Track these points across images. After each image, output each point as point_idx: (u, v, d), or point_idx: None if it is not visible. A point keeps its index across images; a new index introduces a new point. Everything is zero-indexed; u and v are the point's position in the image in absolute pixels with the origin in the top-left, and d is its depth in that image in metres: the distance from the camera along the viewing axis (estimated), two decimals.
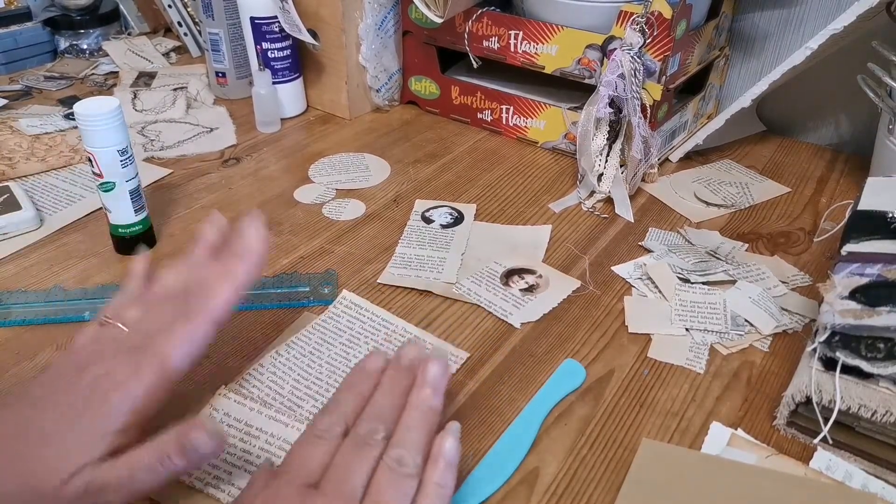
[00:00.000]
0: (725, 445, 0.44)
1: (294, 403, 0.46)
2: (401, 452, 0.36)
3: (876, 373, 0.41)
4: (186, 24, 1.05)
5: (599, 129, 0.68)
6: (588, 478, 0.42)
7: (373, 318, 0.54)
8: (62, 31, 1.06)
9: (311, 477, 0.36)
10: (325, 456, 0.37)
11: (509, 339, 0.53)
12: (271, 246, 0.62)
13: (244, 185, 0.73)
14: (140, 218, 0.61)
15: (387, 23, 0.85)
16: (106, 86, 0.96)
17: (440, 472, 0.36)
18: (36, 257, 0.61)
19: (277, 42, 0.82)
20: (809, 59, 0.66)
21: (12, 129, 0.81)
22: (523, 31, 0.76)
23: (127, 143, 0.57)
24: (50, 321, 0.53)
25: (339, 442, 0.37)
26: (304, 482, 0.36)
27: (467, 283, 0.58)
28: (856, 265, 0.46)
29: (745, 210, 0.69)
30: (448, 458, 0.37)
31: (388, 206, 0.69)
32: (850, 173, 0.77)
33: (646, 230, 0.66)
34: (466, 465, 0.43)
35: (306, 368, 0.49)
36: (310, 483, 0.36)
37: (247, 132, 0.84)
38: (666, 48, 0.67)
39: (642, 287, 0.58)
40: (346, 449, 0.37)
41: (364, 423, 0.38)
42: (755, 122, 0.84)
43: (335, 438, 0.38)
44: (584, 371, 0.49)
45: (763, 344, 0.52)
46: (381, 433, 0.37)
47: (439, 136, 0.84)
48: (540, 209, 0.69)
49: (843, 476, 0.42)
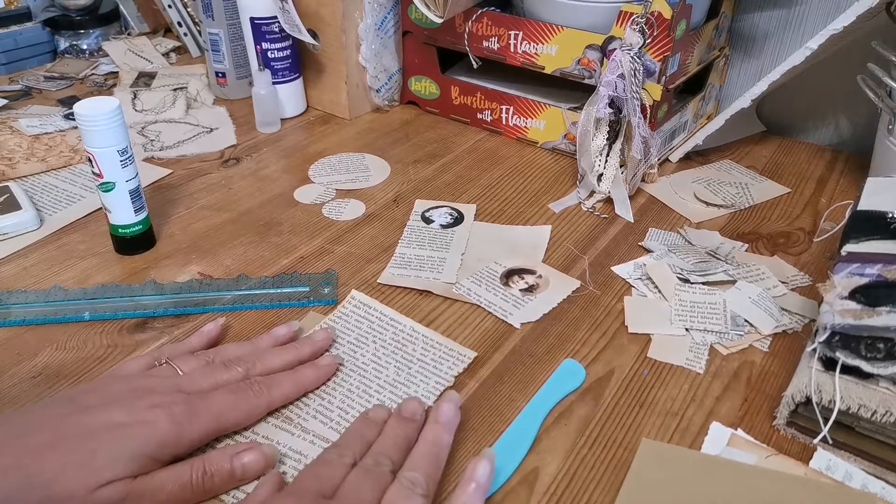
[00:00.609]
0: (725, 445, 0.44)
1: (301, 402, 0.46)
2: (414, 475, 0.38)
3: (876, 373, 0.41)
4: (186, 24, 1.05)
5: (599, 129, 0.68)
6: (588, 478, 0.42)
7: (381, 317, 0.54)
8: (62, 32, 1.06)
9: (324, 491, 0.37)
10: (336, 477, 0.38)
11: (509, 340, 0.53)
12: (271, 246, 0.63)
13: (244, 186, 0.73)
14: (140, 218, 0.61)
15: (387, 23, 0.85)
16: (106, 86, 0.96)
17: (470, 494, 0.37)
18: (36, 257, 0.61)
19: (277, 42, 0.82)
20: (809, 59, 0.66)
21: (12, 129, 0.81)
22: (523, 31, 0.76)
23: (127, 143, 0.57)
24: (50, 321, 0.53)
25: (349, 469, 0.39)
26: (317, 493, 0.37)
27: (467, 284, 0.58)
28: (856, 265, 0.46)
29: (745, 210, 0.69)
30: (480, 482, 0.38)
31: (388, 207, 0.69)
32: (849, 173, 0.77)
33: (646, 230, 0.66)
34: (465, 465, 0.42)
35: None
36: (323, 495, 0.37)
37: (247, 132, 0.84)
38: (666, 48, 0.67)
39: (642, 287, 0.58)
40: (356, 473, 0.38)
41: (371, 457, 0.39)
42: (755, 122, 0.84)
43: (344, 466, 0.39)
44: (584, 371, 0.49)
45: (763, 344, 0.52)
46: (387, 466, 0.39)
47: (439, 136, 0.84)
48: (540, 209, 0.69)
49: (843, 476, 0.42)
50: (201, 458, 0.40)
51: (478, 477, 0.38)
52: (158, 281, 0.58)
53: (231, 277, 0.58)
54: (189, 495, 0.39)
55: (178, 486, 0.38)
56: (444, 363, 0.50)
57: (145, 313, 0.54)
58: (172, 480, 0.38)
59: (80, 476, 0.36)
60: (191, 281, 0.58)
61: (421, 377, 0.49)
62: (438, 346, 0.51)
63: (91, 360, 0.50)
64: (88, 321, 0.54)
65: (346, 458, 0.39)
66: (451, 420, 0.42)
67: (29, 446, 0.36)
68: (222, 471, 0.39)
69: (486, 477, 0.38)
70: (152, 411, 0.39)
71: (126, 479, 0.37)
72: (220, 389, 0.43)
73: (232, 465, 0.40)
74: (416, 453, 0.40)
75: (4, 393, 0.47)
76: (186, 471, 0.39)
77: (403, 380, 0.48)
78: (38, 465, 0.35)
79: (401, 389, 0.48)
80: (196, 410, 0.40)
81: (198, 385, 0.43)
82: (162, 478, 0.38)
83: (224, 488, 0.40)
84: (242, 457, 0.40)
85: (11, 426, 0.38)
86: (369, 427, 0.42)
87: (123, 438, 0.38)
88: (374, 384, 0.48)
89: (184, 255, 0.62)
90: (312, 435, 0.44)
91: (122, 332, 0.53)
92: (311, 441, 0.44)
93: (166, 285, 0.57)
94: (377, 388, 0.48)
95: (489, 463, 0.38)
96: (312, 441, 0.44)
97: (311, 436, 0.44)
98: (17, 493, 0.34)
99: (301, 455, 0.43)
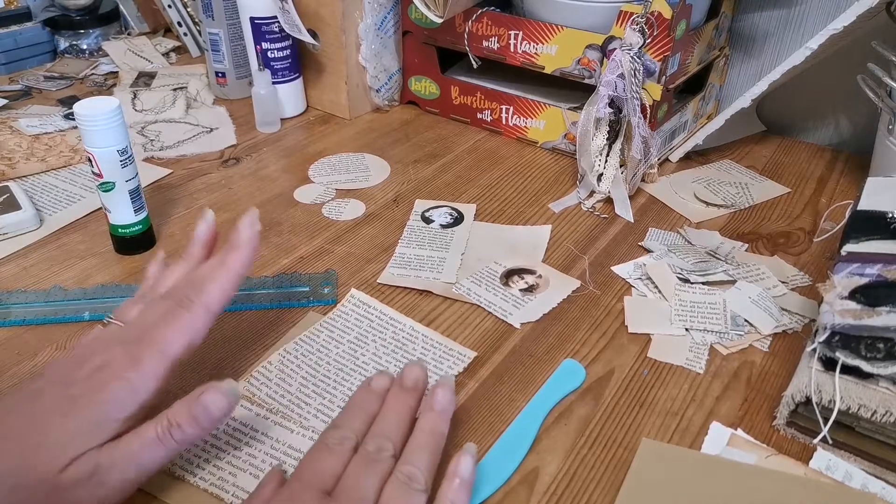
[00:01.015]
0: (725, 445, 0.44)
1: (301, 401, 0.46)
2: (412, 469, 0.38)
3: (876, 373, 0.41)
4: (186, 24, 1.05)
5: (599, 129, 0.68)
6: (588, 478, 0.42)
7: (381, 316, 0.54)
8: (62, 31, 1.06)
9: (325, 485, 0.37)
10: (337, 467, 0.38)
11: (509, 339, 0.53)
12: (271, 246, 0.63)
13: (244, 185, 0.73)
14: (140, 218, 0.61)
15: (387, 23, 0.85)
16: (106, 86, 0.96)
17: (455, 490, 0.37)
18: (36, 257, 0.61)
19: (277, 42, 0.82)
20: (809, 59, 0.66)
21: (12, 129, 0.81)
22: (523, 31, 0.76)
23: (127, 143, 0.57)
24: (50, 321, 0.53)
25: (350, 455, 0.38)
26: (318, 488, 0.36)
27: (467, 283, 0.58)
28: (856, 265, 0.46)
29: (745, 210, 0.69)
30: (464, 476, 0.38)
31: (388, 206, 0.69)
32: (850, 173, 0.77)
33: (646, 230, 0.66)
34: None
35: (314, 366, 0.49)
36: (324, 490, 0.37)
37: (247, 132, 0.84)
38: (666, 48, 0.67)
39: (642, 287, 0.58)
40: (356, 462, 0.38)
41: (372, 441, 0.39)
42: (755, 122, 0.84)
43: (346, 452, 0.39)
44: (584, 371, 0.49)
45: (763, 344, 0.52)
46: (389, 451, 0.39)
47: (439, 136, 0.84)
48: (540, 209, 0.69)
49: (843, 476, 0.42)
50: (164, 413, 0.39)
51: (461, 472, 0.38)
52: None
53: None
54: (161, 452, 0.38)
55: (146, 444, 0.37)
56: (444, 363, 0.50)
57: None
58: (138, 440, 0.37)
59: (43, 458, 0.35)
60: None
61: None
62: (438, 345, 0.51)
63: None
64: (88, 321, 0.54)
65: (347, 443, 0.39)
66: (447, 407, 0.41)
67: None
68: (185, 418, 0.38)
69: (470, 471, 0.38)
70: (96, 375, 0.38)
71: (91, 451, 0.36)
72: (157, 323, 0.41)
73: (192, 409, 0.38)
74: (412, 444, 0.39)
75: (4, 393, 0.47)
76: (150, 427, 0.38)
77: None
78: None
79: None
80: (137, 355, 0.39)
81: (139, 329, 0.41)
82: (128, 439, 0.37)
83: (194, 436, 0.39)
84: (202, 399, 0.39)
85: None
86: (370, 399, 0.42)
87: (77, 410, 0.37)
88: None
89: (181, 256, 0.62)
90: (313, 431, 0.44)
91: None
92: (311, 438, 0.44)
93: None
94: None
95: (471, 457, 0.38)
96: (312, 438, 0.44)
97: (312, 432, 0.44)
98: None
99: (301, 453, 0.43)
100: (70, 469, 0.35)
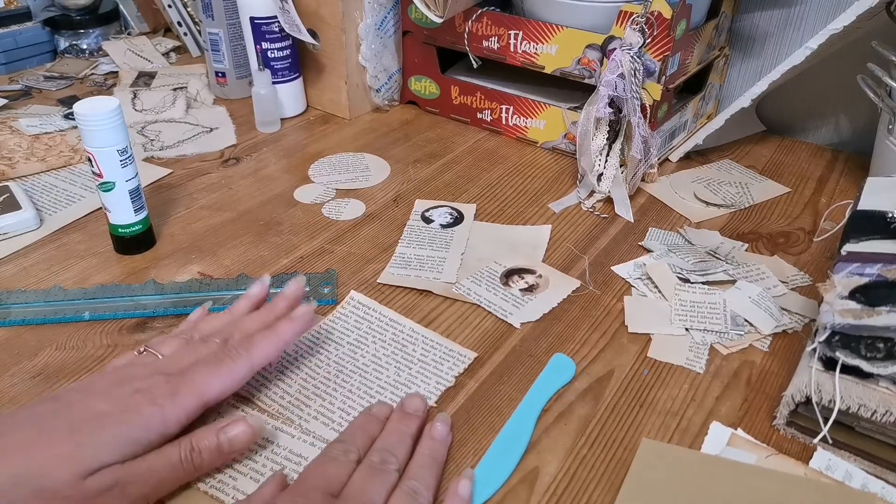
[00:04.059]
0: (725, 445, 0.44)
1: (301, 402, 0.46)
2: (416, 485, 0.39)
3: (876, 373, 0.41)
4: (186, 24, 1.05)
5: (599, 129, 0.68)
6: (588, 478, 0.42)
7: (381, 318, 0.54)
8: (62, 31, 1.06)
9: (331, 488, 0.37)
10: (342, 474, 0.38)
11: (509, 339, 0.53)
12: (271, 246, 0.63)
13: (244, 185, 0.73)
14: (140, 218, 0.61)
15: (387, 23, 0.85)
16: (106, 86, 0.96)
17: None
18: (35, 257, 0.61)
19: (277, 42, 0.82)
20: (809, 59, 0.66)
21: (12, 129, 0.81)
22: (523, 31, 0.76)
23: (127, 143, 0.57)
24: (49, 321, 0.53)
25: (354, 466, 0.39)
26: (325, 490, 0.37)
27: (467, 283, 0.58)
28: (856, 265, 0.46)
29: (745, 210, 0.69)
30: (464, 497, 0.39)
31: (388, 206, 0.69)
32: (849, 173, 0.77)
33: (646, 230, 0.66)
34: (466, 465, 0.43)
35: (314, 368, 0.49)
36: (330, 493, 0.37)
37: (247, 132, 0.84)
38: (666, 48, 0.67)
39: (642, 287, 0.58)
40: (362, 471, 0.39)
41: (377, 454, 0.40)
42: (755, 122, 0.84)
43: (350, 462, 0.39)
44: (574, 364, 0.50)
45: (763, 344, 0.52)
46: (393, 464, 0.40)
47: (439, 136, 0.84)
48: (540, 209, 0.69)
49: (843, 476, 0.42)
50: (189, 437, 0.40)
51: (462, 493, 0.39)
52: (158, 281, 0.58)
53: (231, 277, 0.58)
54: (180, 473, 0.39)
55: (168, 465, 0.39)
56: (445, 363, 0.50)
57: (145, 313, 0.54)
58: (161, 460, 0.38)
59: (68, 467, 0.36)
60: (191, 281, 0.58)
61: (421, 378, 0.49)
62: (438, 346, 0.51)
63: (91, 360, 0.50)
64: (88, 321, 0.54)
65: (351, 455, 0.40)
66: (445, 439, 0.43)
67: (14, 444, 0.36)
68: (210, 446, 0.40)
69: (470, 493, 0.40)
70: (133, 397, 0.39)
71: (114, 466, 0.37)
72: (199, 363, 0.43)
73: (219, 439, 0.40)
74: (414, 465, 0.40)
75: (4, 393, 0.47)
76: (174, 450, 0.39)
77: (404, 380, 0.48)
78: (24, 460, 0.36)
79: (401, 390, 0.48)
80: (176, 389, 0.40)
81: (178, 365, 0.43)
82: (151, 459, 0.38)
83: (214, 463, 0.40)
84: (228, 430, 0.40)
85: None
86: (372, 423, 0.43)
87: (107, 426, 0.38)
88: (374, 385, 0.48)
89: (184, 255, 0.62)
90: (313, 437, 0.44)
91: (122, 332, 0.53)
92: (311, 443, 0.44)
93: (166, 285, 0.57)
94: (378, 388, 0.48)
95: (471, 482, 0.40)
96: (313, 443, 0.44)
97: (312, 437, 0.44)
98: (9, 490, 0.35)
99: (302, 458, 0.43)
100: (94, 478, 0.36)
